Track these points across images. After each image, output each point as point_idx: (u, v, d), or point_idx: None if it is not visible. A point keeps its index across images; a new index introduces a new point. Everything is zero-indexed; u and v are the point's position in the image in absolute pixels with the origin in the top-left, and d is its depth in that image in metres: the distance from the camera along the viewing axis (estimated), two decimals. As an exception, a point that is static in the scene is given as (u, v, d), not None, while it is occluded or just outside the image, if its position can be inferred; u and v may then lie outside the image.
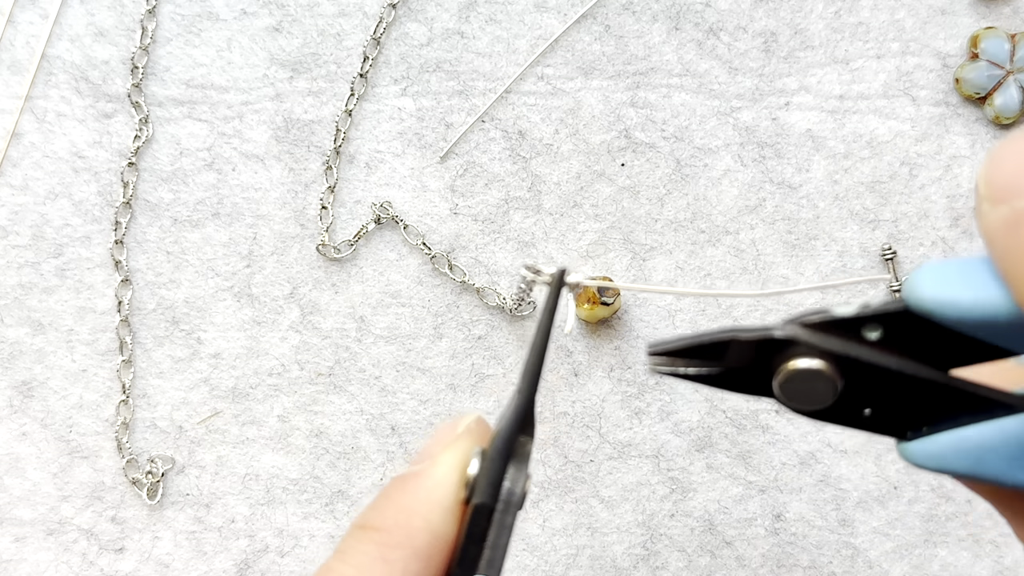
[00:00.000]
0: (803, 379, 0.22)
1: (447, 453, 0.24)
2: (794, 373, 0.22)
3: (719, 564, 0.43)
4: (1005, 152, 0.20)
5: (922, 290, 0.20)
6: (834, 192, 0.44)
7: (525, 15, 0.45)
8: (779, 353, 0.22)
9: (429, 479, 0.24)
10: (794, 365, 0.22)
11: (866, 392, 0.22)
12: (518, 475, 0.24)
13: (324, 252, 0.44)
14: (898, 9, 0.44)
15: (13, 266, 0.44)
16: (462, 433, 0.25)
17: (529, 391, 0.25)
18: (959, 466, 0.22)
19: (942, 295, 0.19)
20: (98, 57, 0.45)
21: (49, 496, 0.44)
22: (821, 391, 0.22)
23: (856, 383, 0.22)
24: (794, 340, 0.22)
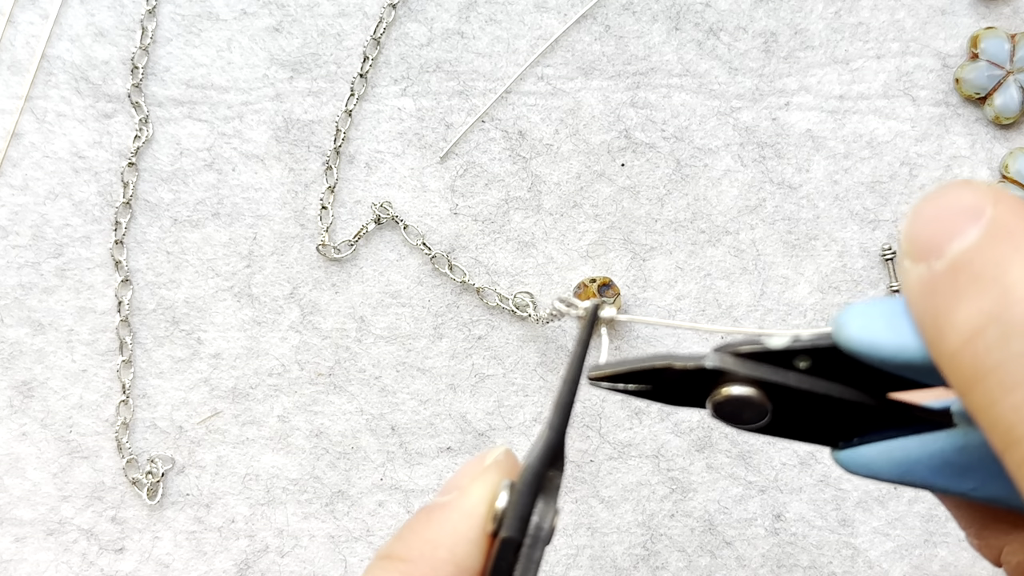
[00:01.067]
0: (734, 404, 0.23)
1: (475, 485, 0.24)
2: (725, 399, 0.23)
3: (719, 564, 0.43)
4: (925, 209, 0.20)
5: (848, 332, 0.21)
6: (834, 192, 0.44)
7: (525, 15, 0.45)
8: (712, 379, 0.23)
9: (456, 511, 0.24)
10: (726, 392, 0.23)
11: (796, 412, 0.23)
12: (547, 509, 0.24)
13: (324, 252, 0.44)
14: (898, 9, 0.44)
15: (13, 266, 0.44)
16: (490, 466, 0.25)
17: (560, 425, 0.25)
18: (888, 474, 0.23)
19: (866, 339, 0.20)
20: (98, 57, 0.45)
21: (49, 496, 0.44)
22: (752, 414, 0.23)
23: (786, 405, 0.23)
24: (725, 371, 0.23)
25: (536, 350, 0.44)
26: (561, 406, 0.25)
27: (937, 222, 0.20)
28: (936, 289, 0.19)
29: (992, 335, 0.18)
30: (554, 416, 0.25)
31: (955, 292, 0.19)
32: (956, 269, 0.19)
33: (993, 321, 0.18)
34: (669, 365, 0.24)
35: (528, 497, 0.24)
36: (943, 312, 0.19)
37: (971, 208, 0.19)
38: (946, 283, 0.19)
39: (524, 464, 0.24)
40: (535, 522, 0.23)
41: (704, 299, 0.44)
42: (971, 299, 0.18)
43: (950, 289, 0.19)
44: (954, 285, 0.19)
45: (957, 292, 0.19)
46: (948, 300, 0.19)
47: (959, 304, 0.19)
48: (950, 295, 0.19)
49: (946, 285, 0.19)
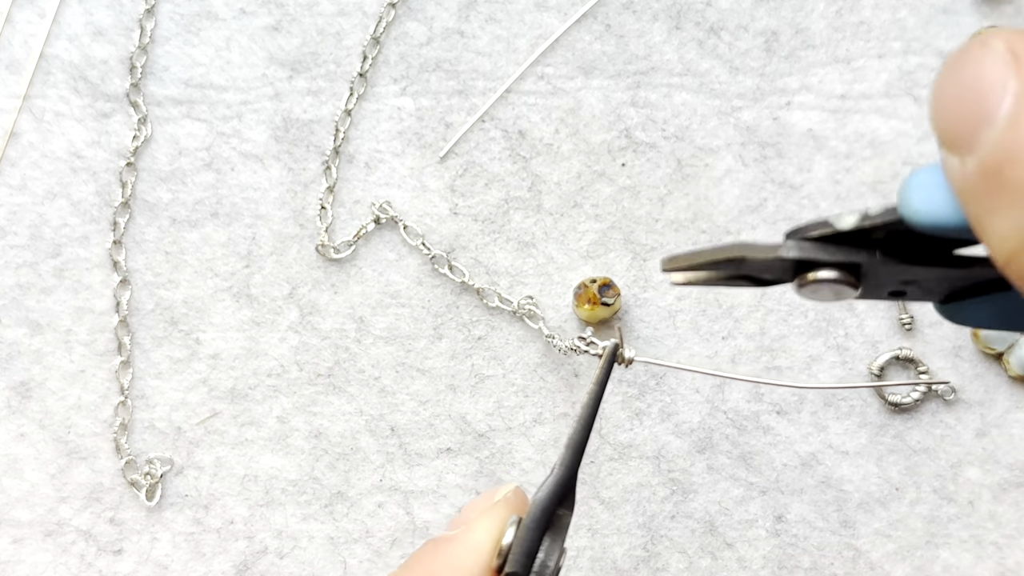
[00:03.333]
0: (821, 286, 0.22)
1: (482, 520, 0.24)
2: (812, 283, 0.22)
3: (720, 566, 0.43)
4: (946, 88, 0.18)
5: (913, 208, 0.19)
6: (836, 192, 0.44)
7: (525, 14, 0.45)
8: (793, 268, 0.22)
9: (462, 545, 0.24)
10: (812, 277, 0.22)
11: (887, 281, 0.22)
12: (553, 547, 0.24)
13: (323, 252, 0.44)
14: (900, 8, 0.44)
15: (11, 266, 0.44)
16: (499, 501, 0.25)
17: (572, 464, 0.25)
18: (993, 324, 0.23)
19: (931, 214, 0.19)
20: (96, 56, 0.45)
21: (47, 497, 0.43)
22: (841, 293, 0.22)
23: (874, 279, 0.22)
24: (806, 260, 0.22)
25: (536, 351, 0.44)
26: (574, 445, 0.25)
27: (959, 106, 0.18)
28: (972, 193, 0.18)
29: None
30: (566, 454, 0.25)
31: (991, 199, 0.17)
32: (987, 173, 0.17)
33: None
34: (743, 256, 0.23)
35: (535, 533, 0.23)
36: (984, 220, 0.18)
37: (992, 84, 0.17)
38: (980, 188, 0.17)
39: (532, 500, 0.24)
40: (540, 559, 0.23)
41: (705, 299, 0.44)
42: (1007, 208, 0.17)
43: (986, 195, 0.17)
44: (988, 191, 0.17)
45: (993, 199, 0.17)
46: (986, 207, 0.17)
47: (997, 213, 0.17)
48: (987, 202, 0.17)
49: (981, 190, 0.17)
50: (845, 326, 0.43)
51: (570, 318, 0.44)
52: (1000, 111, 0.17)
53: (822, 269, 0.22)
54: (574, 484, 0.25)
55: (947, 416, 0.43)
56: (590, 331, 0.39)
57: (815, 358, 0.43)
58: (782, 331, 0.43)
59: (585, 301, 0.42)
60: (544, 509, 0.24)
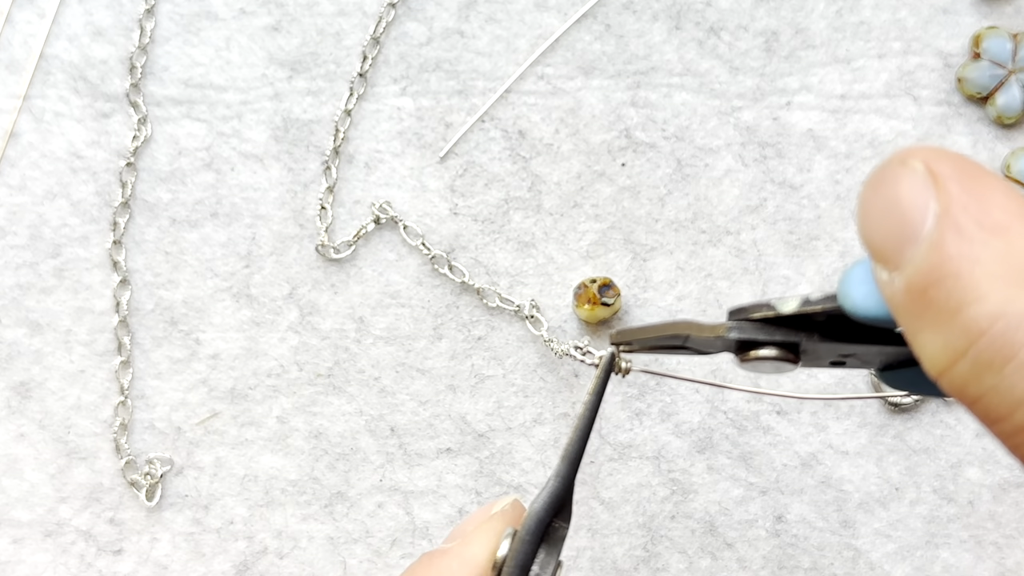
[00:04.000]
0: (762, 363, 0.23)
1: (478, 533, 0.24)
2: (753, 359, 0.23)
3: (720, 566, 0.43)
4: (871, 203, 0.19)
5: (853, 302, 0.20)
6: (836, 192, 0.44)
7: (525, 14, 0.45)
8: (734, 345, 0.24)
9: (457, 558, 0.24)
10: (753, 355, 0.23)
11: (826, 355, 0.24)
12: (548, 560, 0.24)
13: (323, 252, 0.44)
14: (900, 8, 0.44)
15: (10, 266, 0.44)
16: (496, 514, 0.25)
17: (568, 475, 0.25)
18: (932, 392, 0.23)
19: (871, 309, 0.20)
20: (96, 56, 0.45)
21: (47, 497, 0.43)
22: (781, 368, 0.24)
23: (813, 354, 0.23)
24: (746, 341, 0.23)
25: (536, 351, 0.44)
26: (570, 456, 0.25)
27: (884, 224, 0.18)
28: (901, 311, 0.18)
29: (964, 370, 0.17)
30: (562, 466, 0.25)
31: (919, 318, 0.18)
32: (912, 292, 0.18)
33: (961, 357, 0.17)
34: (688, 333, 0.24)
35: (529, 546, 0.23)
36: (912, 337, 0.18)
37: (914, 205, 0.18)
38: (907, 307, 0.18)
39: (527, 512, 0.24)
40: (535, 572, 0.23)
41: (705, 299, 0.44)
42: (935, 330, 0.17)
43: (913, 314, 0.18)
44: (916, 310, 0.18)
45: (920, 318, 0.18)
46: (914, 324, 0.18)
47: (925, 332, 0.18)
48: (915, 320, 0.18)
49: (908, 309, 0.18)
50: (845, 326, 0.43)
51: (570, 318, 0.44)
52: (923, 231, 0.17)
53: (763, 348, 0.23)
54: (570, 496, 0.25)
55: (947, 416, 0.43)
56: (587, 340, 0.39)
57: (815, 358, 0.43)
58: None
59: (585, 301, 0.42)
60: (539, 521, 0.24)
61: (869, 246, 0.19)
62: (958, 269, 0.17)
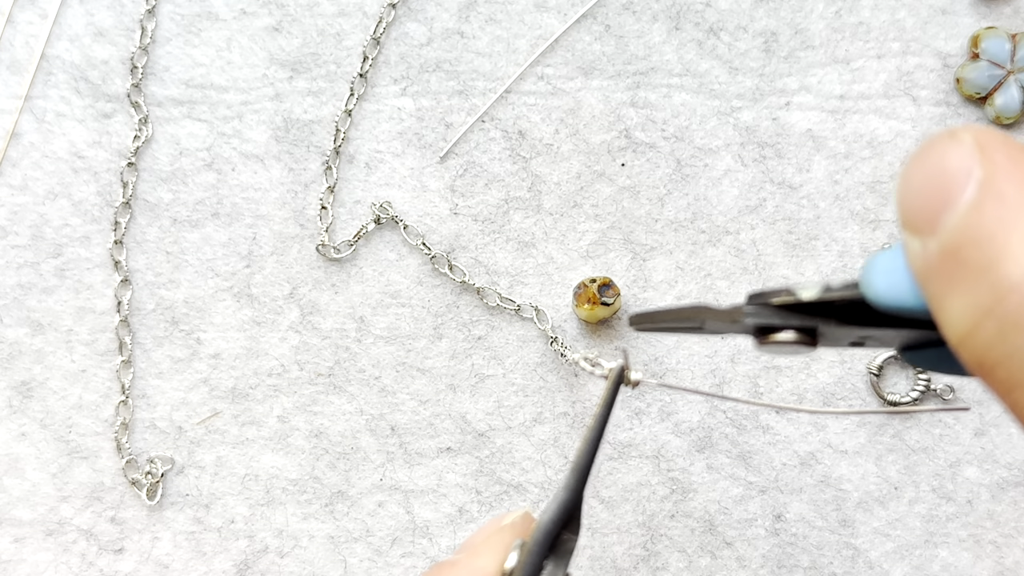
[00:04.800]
0: (779, 346, 0.23)
1: (487, 544, 0.24)
2: (771, 343, 0.23)
3: (719, 565, 0.43)
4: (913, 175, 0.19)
5: (875, 290, 0.20)
6: (835, 192, 0.44)
7: (525, 15, 0.45)
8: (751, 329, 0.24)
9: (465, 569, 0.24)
10: (771, 338, 0.23)
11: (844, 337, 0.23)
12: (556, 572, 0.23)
13: (324, 252, 0.44)
14: (899, 9, 0.44)
15: (12, 266, 0.44)
16: (506, 526, 0.25)
17: (577, 487, 0.25)
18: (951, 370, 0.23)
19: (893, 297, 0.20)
20: (97, 57, 0.45)
21: (48, 496, 0.44)
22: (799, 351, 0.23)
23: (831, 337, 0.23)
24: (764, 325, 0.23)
25: (536, 350, 0.44)
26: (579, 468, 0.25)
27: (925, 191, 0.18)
28: (931, 274, 0.18)
29: (988, 331, 0.17)
30: (570, 477, 0.25)
31: (949, 280, 0.18)
32: (946, 254, 0.18)
33: (987, 316, 0.17)
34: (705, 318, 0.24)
35: (537, 558, 0.23)
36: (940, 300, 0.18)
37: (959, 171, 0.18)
38: (939, 269, 0.18)
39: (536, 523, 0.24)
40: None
41: (704, 299, 0.44)
42: (964, 290, 0.18)
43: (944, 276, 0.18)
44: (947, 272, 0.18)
45: (950, 280, 0.18)
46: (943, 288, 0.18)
47: (953, 294, 0.18)
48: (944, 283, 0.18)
49: (939, 271, 0.18)
50: (844, 326, 0.43)
51: (570, 317, 0.44)
52: (963, 196, 0.18)
53: (781, 331, 0.23)
54: (579, 508, 0.25)
55: (945, 415, 0.43)
56: (596, 352, 0.39)
57: (814, 357, 0.43)
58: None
59: (585, 301, 0.42)
60: (547, 533, 0.24)
61: (906, 214, 0.19)
62: (994, 231, 0.17)
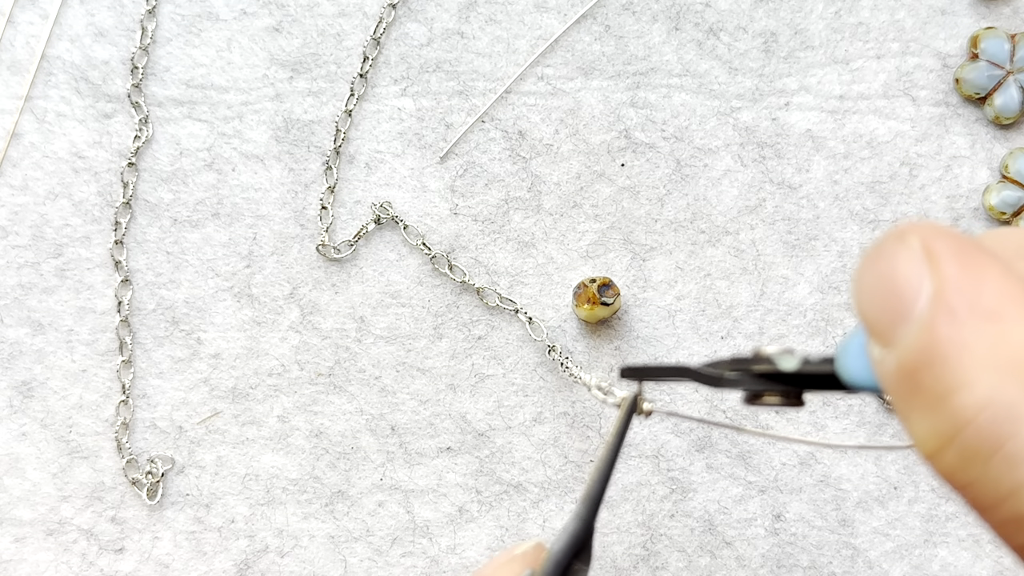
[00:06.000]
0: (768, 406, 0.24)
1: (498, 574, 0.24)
2: (759, 404, 0.24)
3: (719, 564, 0.43)
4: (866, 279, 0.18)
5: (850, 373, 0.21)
6: (834, 192, 0.44)
7: (525, 15, 0.45)
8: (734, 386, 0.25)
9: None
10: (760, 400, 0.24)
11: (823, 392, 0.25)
12: None
13: (324, 252, 0.44)
14: (898, 9, 0.44)
15: (13, 266, 0.44)
16: (517, 556, 0.25)
17: (588, 517, 0.25)
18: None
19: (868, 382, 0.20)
20: (98, 57, 0.45)
21: (49, 496, 0.44)
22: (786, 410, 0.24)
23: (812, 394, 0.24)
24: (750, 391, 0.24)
25: (536, 350, 0.44)
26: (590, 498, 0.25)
27: (879, 301, 0.18)
28: (893, 388, 0.18)
29: (950, 459, 0.17)
30: (582, 507, 0.25)
31: (909, 399, 0.17)
32: (904, 374, 0.17)
33: (948, 444, 0.17)
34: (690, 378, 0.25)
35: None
36: (905, 415, 0.18)
37: (907, 283, 0.17)
38: (899, 386, 0.18)
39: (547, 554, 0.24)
40: None
41: (704, 299, 0.44)
42: (923, 415, 0.17)
43: (904, 395, 0.17)
44: (906, 391, 0.17)
45: (911, 400, 0.17)
46: (905, 405, 0.18)
47: (914, 415, 0.17)
48: (906, 401, 0.17)
49: (899, 388, 0.18)
50: (844, 326, 0.44)
51: (570, 318, 0.44)
52: (915, 311, 0.17)
53: (768, 395, 0.24)
54: (591, 537, 0.25)
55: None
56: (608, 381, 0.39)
57: (814, 357, 0.43)
58: (781, 331, 0.43)
59: (585, 301, 0.42)
60: (558, 564, 0.24)
61: (863, 320, 0.19)
62: (947, 353, 0.16)
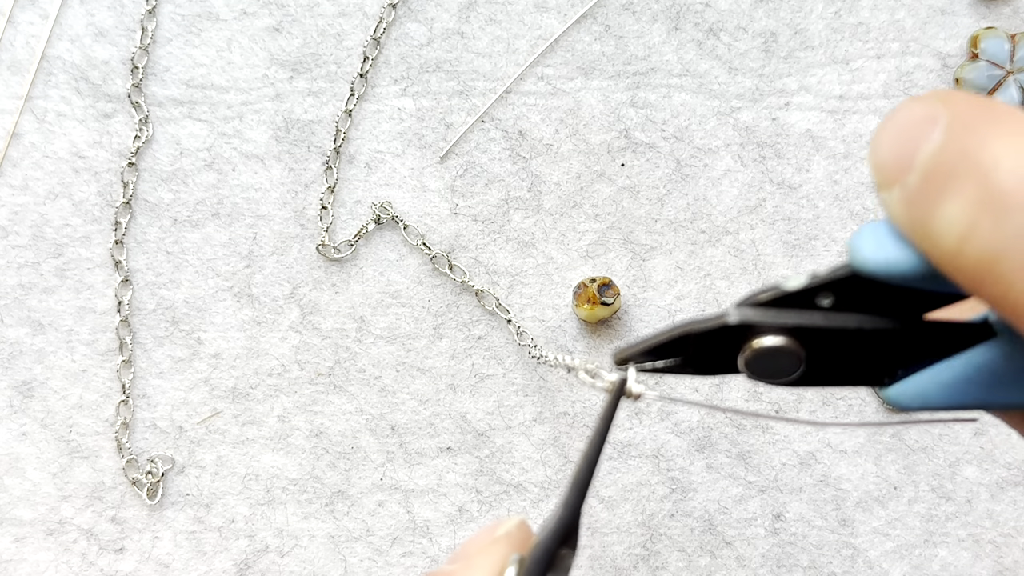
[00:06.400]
0: (766, 356, 0.22)
1: (482, 557, 0.24)
2: (757, 352, 0.22)
3: (719, 564, 0.43)
4: (883, 134, 0.20)
5: (862, 254, 0.20)
6: (834, 192, 0.44)
7: (525, 15, 0.45)
8: (739, 336, 0.22)
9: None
10: (756, 344, 0.22)
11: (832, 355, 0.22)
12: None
13: (324, 252, 0.44)
14: (898, 9, 0.44)
15: (13, 266, 0.44)
16: (500, 537, 0.24)
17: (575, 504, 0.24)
18: (941, 400, 0.22)
19: (881, 257, 0.20)
20: (98, 57, 0.45)
21: (49, 496, 0.44)
22: (786, 364, 0.22)
23: (820, 350, 0.22)
24: (750, 325, 0.22)
25: (536, 350, 0.44)
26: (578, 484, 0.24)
27: (898, 142, 0.19)
28: (917, 200, 0.19)
29: (986, 222, 0.17)
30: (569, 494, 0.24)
31: (936, 195, 0.18)
32: (929, 174, 0.18)
33: (982, 206, 0.17)
34: (690, 331, 0.22)
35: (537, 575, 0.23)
36: (930, 218, 0.18)
37: (925, 118, 0.19)
38: (925, 191, 0.19)
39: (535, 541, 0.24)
40: None
41: (704, 299, 0.44)
42: (953, 195, 0.18)
43: (930, 194, 0.18)
44: (933, 189, 0.18)
45: (938, 194, 0.18)
46: (932, 205, 0.18)
47: (943, 204, 0.18)
48: (932, 200, 0.18)
49: (925, 193, 0.19)
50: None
51: (570, 317, 0.44)
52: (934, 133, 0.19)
53: (766, 336, 0.22)
54: (578, 524, 0.24)
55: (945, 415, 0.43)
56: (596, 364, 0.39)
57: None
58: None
59: (585, 301, 0.42)
60: (547, 551, 0.23)
61: (880, 172, 0.20)
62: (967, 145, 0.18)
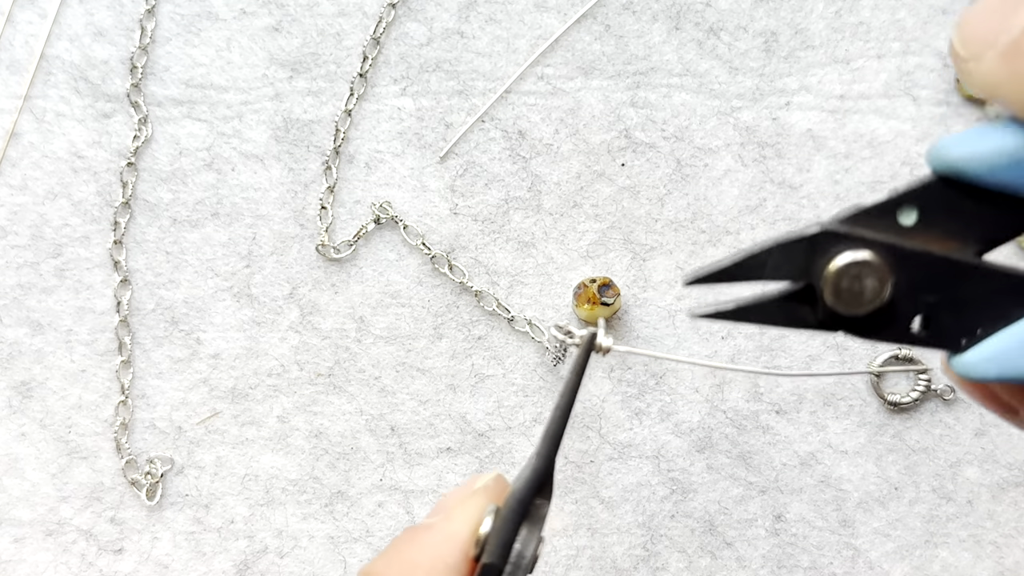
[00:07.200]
0: (852, 275, 0.21)
1: (460, 509, 0.24)
2: (842, 269, 0.21)
3: (719, 565, 0.43)
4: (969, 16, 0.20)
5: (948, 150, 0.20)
6: (835, 192, 0.44)
7: (525, 15, 0.45)
8: (822, 257, 0.21)
9: (439, 534, 0.24)
10: (841, 260, 0.21)
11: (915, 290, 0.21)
12: (530, 537, 0.24)
13: (324, 252, 0.44)
14: (899, 9, 0.44)
15: (12, 266, 0.44)
16: (479, 490, 0.25)
17: (548, 454, 0.25)
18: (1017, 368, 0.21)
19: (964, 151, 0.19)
20: (97, 57, 0.45)
21: (48, 497, 0.43)
22: (872, 287, 0.21)
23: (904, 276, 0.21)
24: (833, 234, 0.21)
25: (536, 350, 0.44)
26: (551, 435, 0.25)
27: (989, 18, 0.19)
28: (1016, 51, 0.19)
29: None
30: (542, 445, 0.25)
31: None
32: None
33: None
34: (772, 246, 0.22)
35: (512, 524, 0.24)
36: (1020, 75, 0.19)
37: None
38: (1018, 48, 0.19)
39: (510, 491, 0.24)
40: (517, 549, 0.23)
41: (704, 299, 0.44)
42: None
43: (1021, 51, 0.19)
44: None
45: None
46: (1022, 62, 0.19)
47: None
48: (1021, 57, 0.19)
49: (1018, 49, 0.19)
50: (844, 326, 0.43)
51: (570, 318, 0.44)
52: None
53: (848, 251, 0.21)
54: (551, 474, 0.25)
55: (946, 415, 0.43)
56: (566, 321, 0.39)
57: (814, 357, 0.43)
58: (781, 331, 0.43)
59: (585, 301, 0.42)
60: (521, 500, 0.24)
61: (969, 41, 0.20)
62: None
